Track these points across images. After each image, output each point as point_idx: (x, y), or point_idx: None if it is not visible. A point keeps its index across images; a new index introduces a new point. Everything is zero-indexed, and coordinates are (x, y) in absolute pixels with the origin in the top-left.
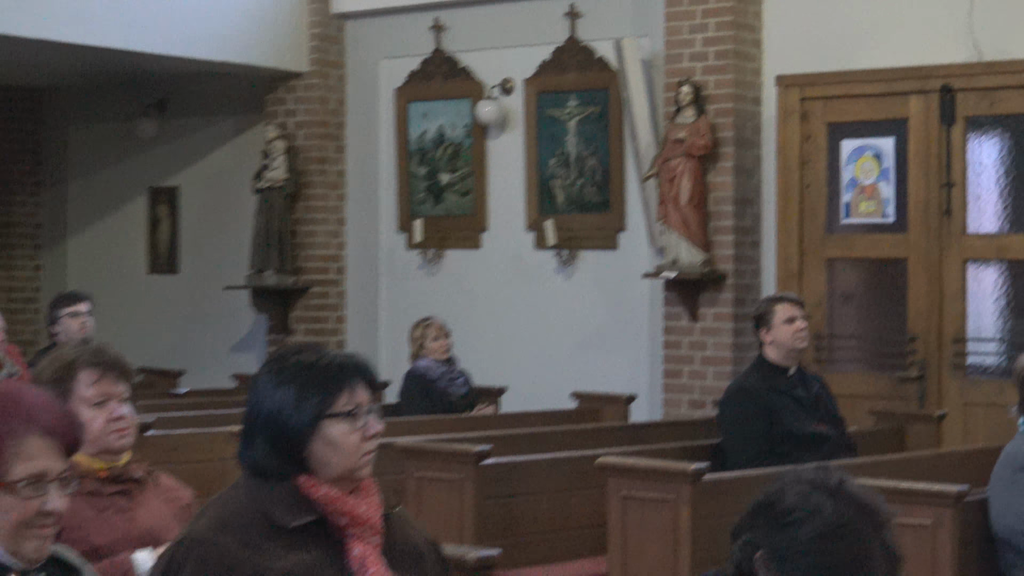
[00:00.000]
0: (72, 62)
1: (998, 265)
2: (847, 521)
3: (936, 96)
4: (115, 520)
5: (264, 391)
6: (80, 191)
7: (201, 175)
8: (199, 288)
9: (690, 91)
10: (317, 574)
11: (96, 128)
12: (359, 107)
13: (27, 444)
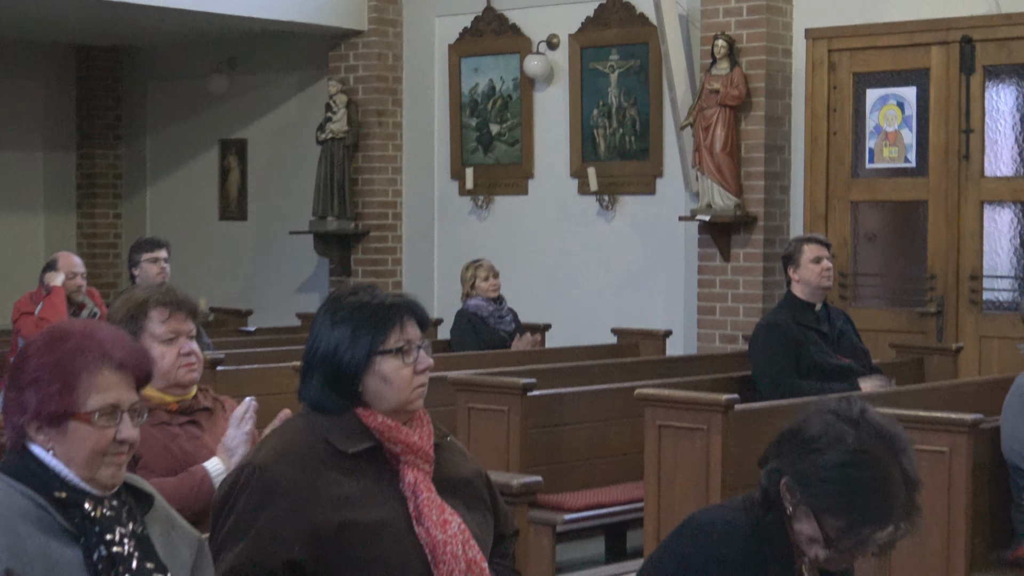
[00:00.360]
0: (149, 23)
1: (1013, 206)
2: (868, 448)
3: (956, 47)
4: (188, 447)
5: (321, 331)
6: (157, 144)
7: (268, 128)
8: (266, 233)
9: (724, 45)
10: (371, 499)
11: (171, 85)
12: (415, 63)
13: (101, 377)
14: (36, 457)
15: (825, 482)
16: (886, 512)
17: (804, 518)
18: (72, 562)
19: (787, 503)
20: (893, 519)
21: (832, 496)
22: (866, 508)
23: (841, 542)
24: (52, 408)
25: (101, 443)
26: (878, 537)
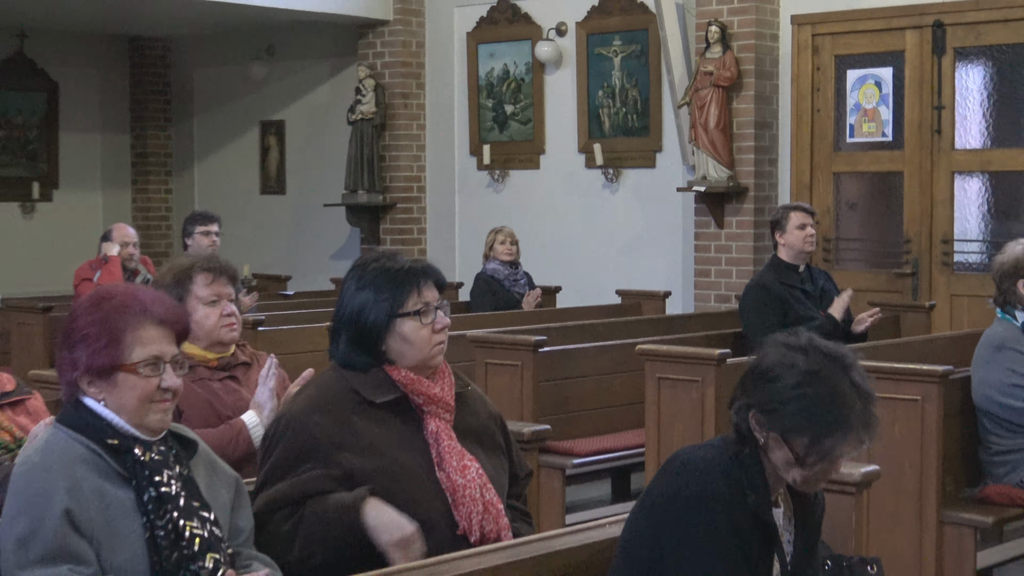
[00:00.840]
0: (195, 14)
1: (981, 176)
2: (818, 368)
3: (929, 30)
4: (227, 400)
5: (347, 295)
6: (203, 125)
7: (304, 110)
8: (303, 206)
9: (717, 30)
10: (398, 446)
11: (215, 71)
12: (436, 49)
13: (143, 332)
14: (89, 408)
15: (785, 404)
16: (843, 422)
17: (775, 445)
18: (125, 502)
19: (758, 434)
20: (852, 428)
21: (793, 415)
22: (825, 421)
23: (811, 458)
24: (101, 362)
25: (147, 391)
26: (841, 448)
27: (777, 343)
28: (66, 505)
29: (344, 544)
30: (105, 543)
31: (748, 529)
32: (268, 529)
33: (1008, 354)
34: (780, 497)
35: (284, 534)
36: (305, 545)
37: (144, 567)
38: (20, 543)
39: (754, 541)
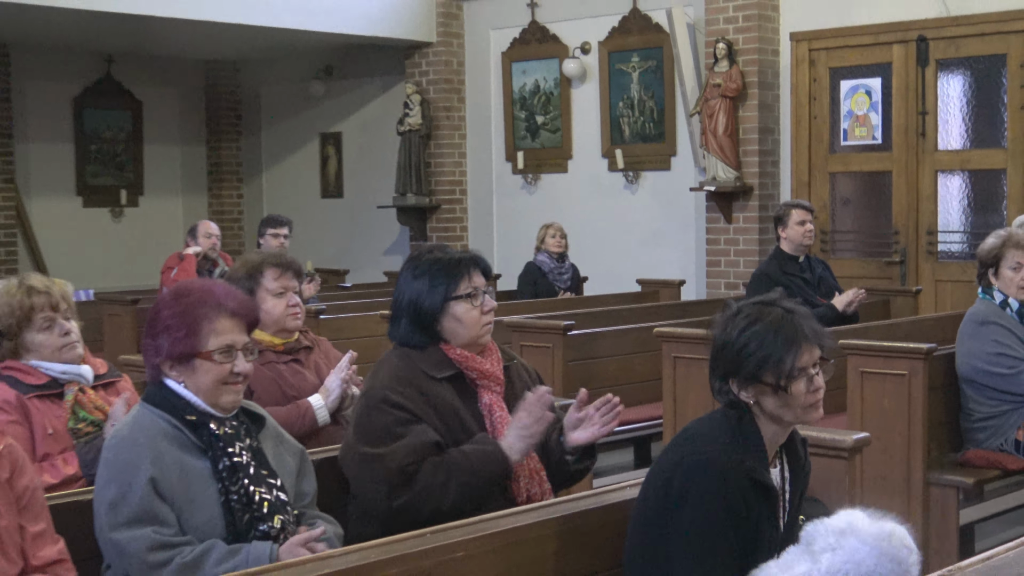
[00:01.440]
0: (262, 39)
1: (961, 174)
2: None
3: (913, 44)
4: (292, 380)
5: (404, 283)
6: (270, 137)
7: (358, 123)
8: (358, 208)
9: (724, 47)
10: (458, 415)
11: (280, 89)
12: (474, 67)
13: (218, 324)
14: (171, 389)
15: (741, 352)
16: (793, 338)
17: (762, 397)
18: (202, 471)
19: (745, 398)
20: (802, 340)
21: (752, 355)
22: (777, 344)
23: (783, 381)
24: (181, 349)
25: (221, 375)
26: (802, 359)
27: (720, 321)
28: (151, 474)
29: (488, 486)
30: (185, 507)
31: (746, 491)
32: (420, 480)
33: (991, 328)
34: (776, 460)
35: (439, 484)
36: (462, 490)
37: (220, 528)
38: (111, 507)
39: (754, 501)
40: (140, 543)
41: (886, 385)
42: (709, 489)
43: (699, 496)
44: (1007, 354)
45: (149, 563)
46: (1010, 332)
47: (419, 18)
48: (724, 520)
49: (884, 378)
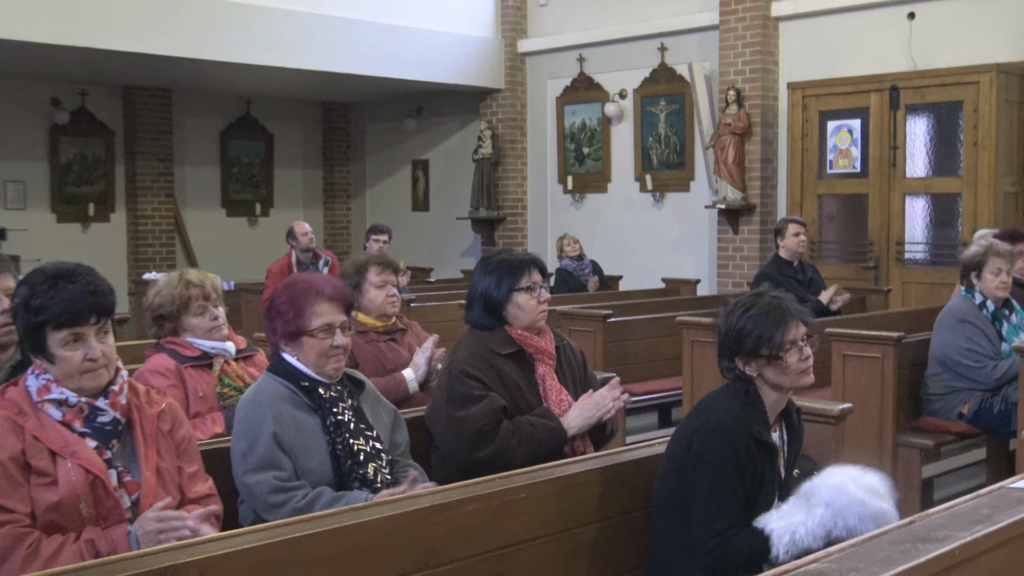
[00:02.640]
0: (367, 86)
1: (925, 196)
2: (744, 301)
3: (887, 92)
4: (389, 355)
5: (478, 278)
6: (373, 164)
7: (442, 152)
8: (441, 219)
9: (734, 93)
10: (518, 384)
11: (381, 125)
12: (534, 108)
13: (319, 307)
14: (287, 361)
15: (741, 333)
16: (781, 317)
17: (765, 369)
18: (314, 427)
19: (750, 372)
20: (789, 318)
21: (750, 334)
22: (768, 323)
23: (779, 351)
24: (290, 329)
25: (323, 349)
26: (791, 334)
27: (721, 315)
28: (273, 429)
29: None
30: (300, 456)
31: (752, 449)
32: (498, 438)
33: (968, 326)
34: (776, 424)
35: (513, 446)
36: (531, 448)
37: (328, 472)
38: (242, 456)
39: (757, 460)
40: (264, 487)
41: (863, 365)
42: (722, 449)
43: (714, 455)
44: (976, 351)
45: (270, 503)
46: (981, 332)
47: (491, 70)
48: (733, 473)
49: (862, 360)
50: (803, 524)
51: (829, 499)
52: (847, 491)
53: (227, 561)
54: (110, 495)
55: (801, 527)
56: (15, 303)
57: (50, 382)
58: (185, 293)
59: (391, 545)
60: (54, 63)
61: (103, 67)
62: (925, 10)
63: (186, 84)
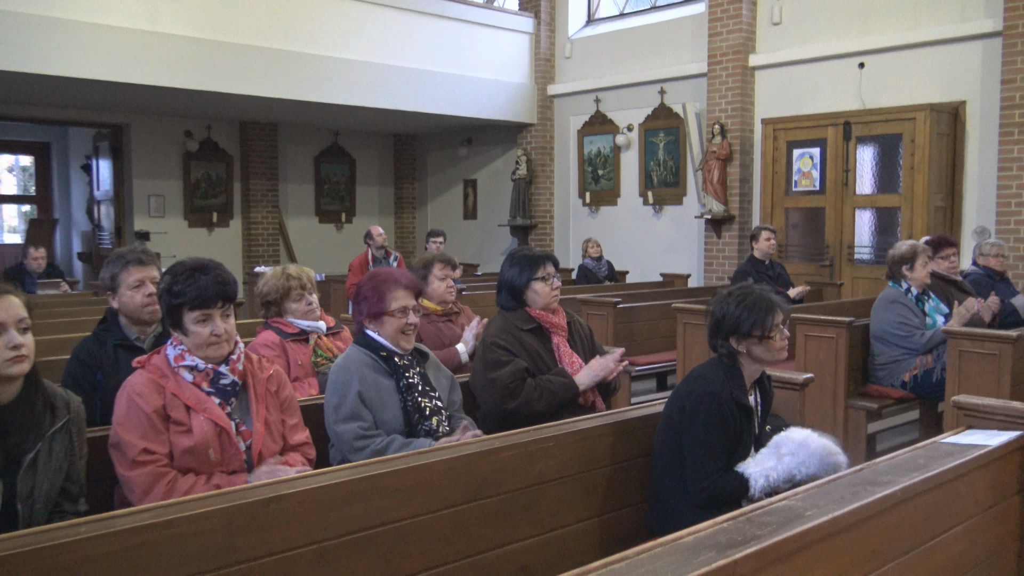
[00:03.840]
0: (429, 121)
1: (872, 210)
2: (735, 291)
3: (841, 127)
4: (446, 332)
5: (505, 269)
6: (433, 183)
7: (487, 173)
8: (487, 226)
9: (719, 128)
10: (538, 352)
11: (439, 152)
12: (560, 139)
13: (397, 292)
14: (370, 336)
15: (739, 318)
16: (770, 306)
17: (754, 347)
18: (389, 387)
19: (739, 348)
20: (775, 307)
21: (747, 319)
22: (761, 310)
23: (769, 332)
24: (374, 310)
25: (400, 326)
26: (777, 319)
27: (714, 302)
28: (358, 388)
29: (565, 402)
30: (378, 410)
31: (733, 410)
32: (523, 392)
33: (898, 306)
34: (752, 389)
35: (535, 397)
36: (549, 400)
37: (400, 423)
38: (334, 409)
39: (738, 418)
40: (350, 434)
41: (821, 343)
42: (710, 410)
43: (703, 415)
44: (906, 323)
45: (355, 447)
46: (909, 310)
47: (526, 108)
48: (719, 429)
49: (820, 339)
50: (774, 470)
51: (794, 450)
52: (808, 444)
53: (320, 492)
54: (232, 443)
55: (773, 472)
56: (160, 288)
57: (184, 351)
58: (286, 283)
59: (447, 481)
60: (188, 104)
61: (225, 107)
62: (872, 61)
63: (289, 120)
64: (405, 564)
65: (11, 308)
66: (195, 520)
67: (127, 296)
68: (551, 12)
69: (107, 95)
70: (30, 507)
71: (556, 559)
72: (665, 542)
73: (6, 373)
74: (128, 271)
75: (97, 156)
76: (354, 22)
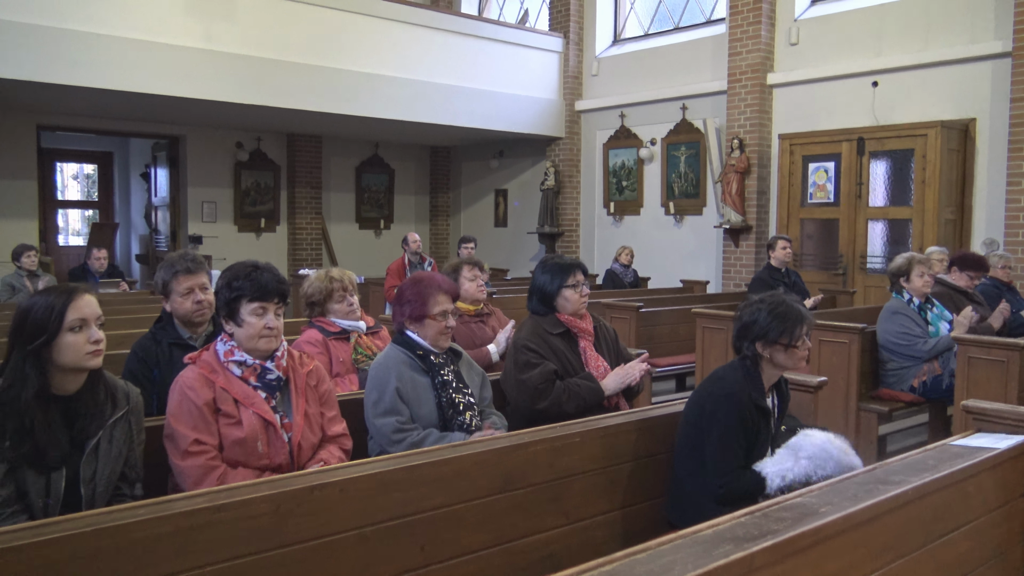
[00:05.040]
0: (463, 134)
1: (884, 222)
2: (772, 302)
3: (855, 142)
4: (478, 332)
5: (537, 275)
6: (467, 192)
7: (518, 184)
8: (517, 233)
9: (737, 142)
10: (566, 355)
11: (473, 164)
12: (587, 152)
13: (438, 297)
14: (409, 336)
15: (768, 325)
16: (799, 318)
17: (778, 354)
18: (425, 384)
19: (764, 353)
20: (804, 319)
21: (776, 328)
22: (790, 320)
23: (795, 341)
24: (416, 313)
25: (440, 328)
26: (803, 329)
27: (747, 305)
28: (396, 384)
29: (591, 405)
30: (414, 405)
31: (752, 412)
32: (553, 394)
33: (901, 317)
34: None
35: (564, 400)
36: (576, 403)
37: (435, 418)
38: (373, 404)
39: (755, 419)
40: (388, 427)
41: (835, 348)
42: (729, 411)
43: (723, 415)
44: (908, 333)
45: (393, 440)
46: (912, 320)
47: (555, 123)
48: (737, 429)
49: (834, 344)
50: (791, 471)
51: (812, 454)
52: (827, 449)
53: (360, 481)
54: (278, 435)
55: (789, 473)
56: (219, 285)
57: (234, 347)
58: (329, 285)
59: (479, 473)
60: (239, 117)
61: (274, 120)
62: (886, 79)
63: (332, 132)
64: (439, 550)
65: (92, 306)
66: (246, 505)
67: (177, 302)
68: (579, 32)
69: (165, 109)
70: (92, 490)
71: (580, 548)
72: (685, 534)
73: (87, 365)
74: (178, 280)
75: (155, 165)
76: (395, 42)
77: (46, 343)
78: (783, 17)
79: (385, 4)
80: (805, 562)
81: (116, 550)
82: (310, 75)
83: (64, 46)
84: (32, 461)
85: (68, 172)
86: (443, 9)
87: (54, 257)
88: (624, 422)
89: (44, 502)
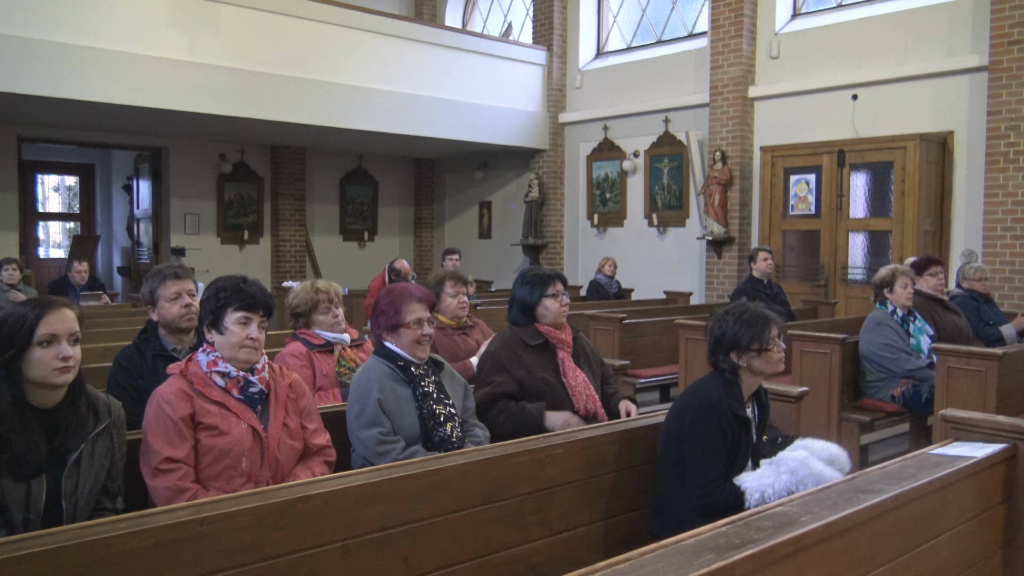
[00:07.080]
0: (447, 147)
1: (864, 233)
2: (739, 310)
3: (835, 154)
4: (461, 345)
5: (517, 286)
6: (451, 204)
7: (502, 196)
8: (501, 245)
9: (720, 154)
10: (542, 367)
11: (456, 176)
12: (571, 164)
13: (412, 306)
14: (388, 347)
15: (737, 333)
16: (767, 322)
17: (753, 360)
18: (407, 395)
19: (739, 362)
20: (772, 322)
21: (745, 334)
22: (759, 325)
23: (766, 344)
24: (391, 323)
25: (416, 337)
26: (773, 332)
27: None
28: (378, 396)
29: (529, 428)
30: (397, 417)
31: (731, 421)
32: (491, 415)
33: (884, 328)
34: (749, 402)
35: (502, 420)
36: (513, 426)
37: (416, 429)
38: (355, 416)
39: (735, 429)
40: (371, 439)
41: (816, 359)
42: (709, 422)
43: (703, 426)
44: (892, 346)
45: (376, 452)
46: (895, 332)
47: (539, 135)
48: (718, 440)
49: (815, 355)
50: (771, 486)
51: (793, 468)
52: (808, 465)
53: (343, 493)
54: (264, 448)
55: (769, 488)
56: (206, 294)
57: (217, 358)
58: (315, 297)
59: (462, 484)
60: (222, 129)
61: (257, 132)
62: (865, 93)
63: (316, 144)
64: (423, 562)
65: (66, 321)
66: (228, 518)
67: (165, 308)
68: (563, 45)
69: (148, 120)
70: (74, 504)
71: (563, 559)
72: (667, 544)
73: (52, 382)
74: (166, 284)
75: (138, 177)
76: (378, 54)
77: (15, 356)
78: (764, 31)
79: (369, 17)
80: (786, 571)
81: (98, 564)
82: (294, 87)
83: (46, 58)
84: (11, 469)
85: (49, 184)
86: (427, 22)
87: (34, 269)
88: (607, 433)
89: (25, 516)
